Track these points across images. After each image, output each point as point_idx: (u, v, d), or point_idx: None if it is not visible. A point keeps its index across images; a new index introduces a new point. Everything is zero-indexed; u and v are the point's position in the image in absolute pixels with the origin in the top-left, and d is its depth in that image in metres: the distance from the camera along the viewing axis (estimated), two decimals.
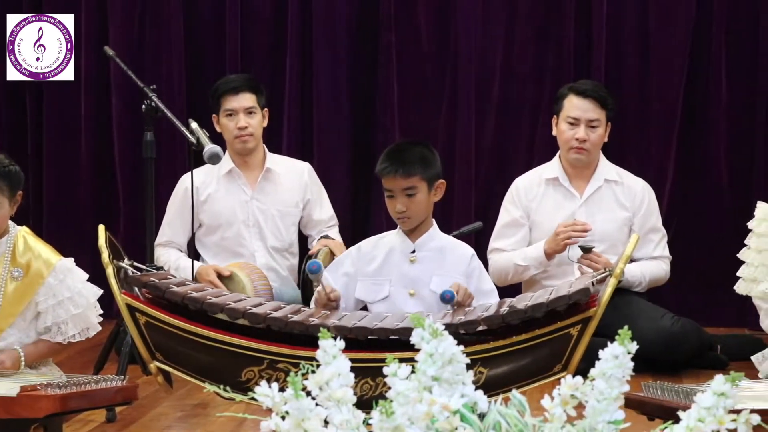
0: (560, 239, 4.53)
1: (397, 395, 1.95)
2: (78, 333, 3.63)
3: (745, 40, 5.56)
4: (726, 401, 1.87)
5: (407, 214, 3.87)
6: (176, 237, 4.93)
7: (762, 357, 3.58)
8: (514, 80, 5.72)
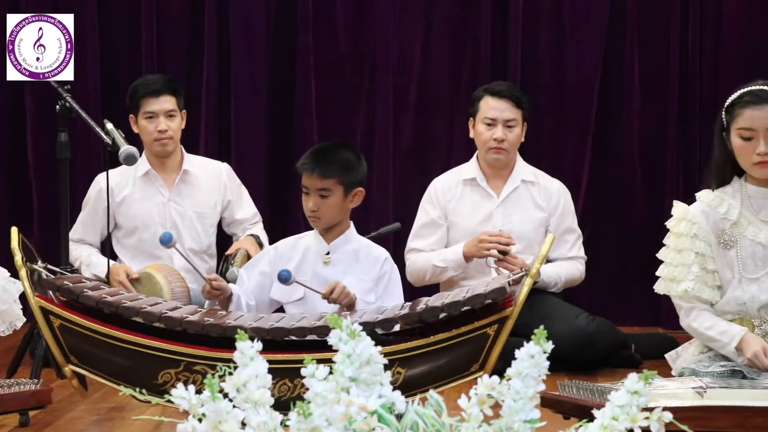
0: (482, 247, 4.55)
1: (315, 396, 1.95)
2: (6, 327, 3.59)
3: (657, 42, 5.63)
4: (639, 399, 1.89)
5: (318, 215, 3.88)
6: (88, 236, 4.90)
7: (675, 355, 3.63)
8: (432, 81, 5.75)
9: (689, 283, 3.42)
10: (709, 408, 2.78)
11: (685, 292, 3.43)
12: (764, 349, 3.31)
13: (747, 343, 3.34)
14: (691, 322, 3.45)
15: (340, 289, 3.75)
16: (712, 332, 3.41)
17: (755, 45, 5.59)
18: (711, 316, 3.44)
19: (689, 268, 3.43)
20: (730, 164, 3.47)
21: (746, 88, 3.44)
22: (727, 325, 3.41)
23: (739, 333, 3.37)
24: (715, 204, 3.47)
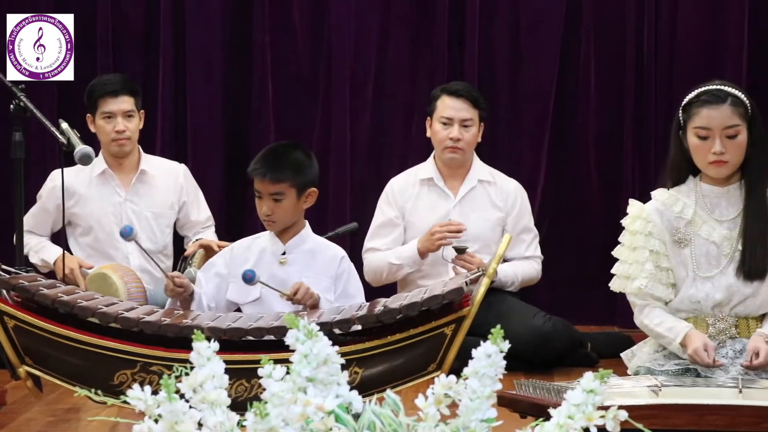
0: (435, 239, 4.57)
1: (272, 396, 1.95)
2: None
3: (613, 43, 5.66)
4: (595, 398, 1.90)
5: (272, 218, 3.88)
6: (38, 229, 4.89)
7: (631, 354, 3.65)
8: (388, 80, 5.75)
9: (643, 280, 3.44)
10: (664, 406, 2.80)
11: (639, 290, 3.46)
12: (705, 345, 3.33)
13: (690, 339, 3.37)
14: (644, 319, 3.48)
15: (304, 289, 3.74)
16: (660, 329, 3.44)
17: (710, 45, 5.64)
18: (661, 312, 3.46)
19: (643, 265, 3.46)
20: (685, 163, 3.50)
21: (703, 87, 3.47)
22: (674, 322, 3.43)
23: (684, 329, 3.40)
24: (670, 203, 3.49)
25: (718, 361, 3.33)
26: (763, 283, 3.42)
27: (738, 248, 3.43)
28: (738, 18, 5.57)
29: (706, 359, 3.32)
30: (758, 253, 3.40)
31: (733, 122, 3.41)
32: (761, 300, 3.44)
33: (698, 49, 5.63)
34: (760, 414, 2.75)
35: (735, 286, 3.43)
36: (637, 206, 3.53)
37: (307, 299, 3.74)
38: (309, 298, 3.74)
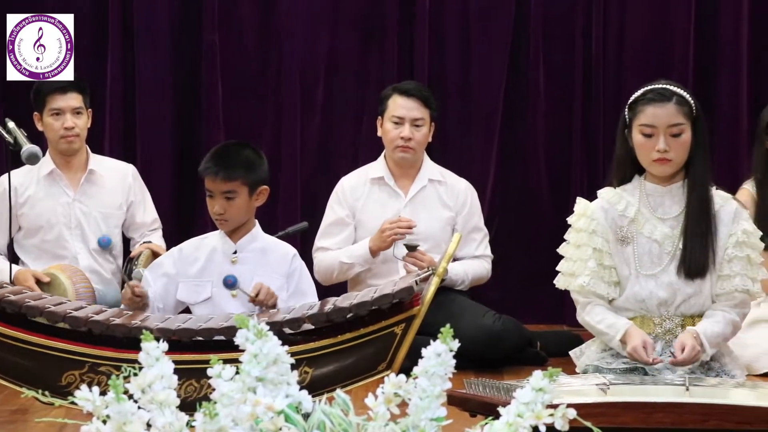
0: (385, 236, 4.58)
1: (222, 396, 1.94)
2: None
3: (562, 43, 5.70)
4: (544, 396, 1.91)
5: (225, 217, 3.87)
6: None
7: (579, 352, 3.67)
8: (339, 79, 5.75)
9: (585, 278, 3.46)
10: (612, 404, 2.82)
11: (581, 287, 3.48)
12: (644, 343, 3.35)
13: (629, 336, 3.39)
14: (585, 316, 3.50)
15: (266, 290, 3.73)
16: (601, 326, 3.46)
17: (657, 48, 5.68)
18: (603, 310, 3.48)
19: (586, 263, 3.48)
20: (631, 161, 3.52)
21: (649, 86, 3.50)
22: (615, 318, 3.46)
23: (624, 326, 3.42)
24: (614, 201, 3.51)
25: (656, 359, 3.35)
26: (704, 281, 3.45)
27: (679, 246, 3.46)
28: (684, 21, 5.62)
29: (645, 357, 3.33)
30: (698, 252, 3.43)
31: (677, 121, 3.44)
32: (704, 299, 3.47)
33: (645, 51, 5.67)
34: (706, 411, 2.77)
35: (677, 284, 3.45)
36: (583, 204, 3.55)
37: (269, 299, 3.73)
38: (270, 298, 3.74)
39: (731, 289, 3.45)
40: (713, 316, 3.45)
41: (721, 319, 3.43)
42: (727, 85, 5.63)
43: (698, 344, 3.36)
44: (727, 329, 3.45)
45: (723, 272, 3.45)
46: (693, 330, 3.40)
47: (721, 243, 3.45)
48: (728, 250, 3.45)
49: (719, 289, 3.46)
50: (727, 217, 3.47)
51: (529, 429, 1.90)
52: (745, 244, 3.46)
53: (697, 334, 3.37)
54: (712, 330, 3.40)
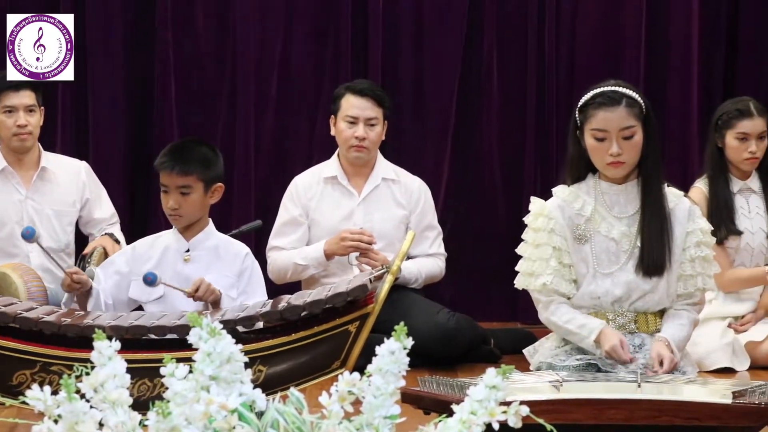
0: (345, 245, 4.57)
1: (175, 395, 1.93)
2: None
3: (515, 42, 5.72)
4: (497, 394, 1.92)
5: (179, 212, 3.86)
6: None
7: (533, 350, 3.69)
8: (293, 78, 5.74)
9: (547, 277, 3.47)
10: (565, 401, 2.84)
11: (544, 286, 3.48)
12: (621, 342, 3.38)
13: (605, 336, 3.40)
14: (550, 315, 3.50)
15: (205, 286, 3.73)
16: (571, 326, 3.46)
17: (609, 46, 5.72)
18: (569, 309, 3.49)
19: (547, 262, 3.48)
20: (584, 161, 3.54)
21: (598, 88, 3.50)
22: (585, 319, 3.47)
23: (598, 327, 3.43)
24: (570, 200, 3.53)
25: (633, 357, 3.38)
26: (661, 278, 3.48)
27: (637, 245, 3.48)
28: (635, 20, 5.66)
29: (624, 356, 3.36)
30: (656, 250, 3.46)
31: (628, 123, 3.45)
32: (659, 296, 3.49)
33: (597, 51, 5.71)
34: (657, 407, 2.80)
35: (634, 282, 3.48)
36: (539, 203, 3.56)
37: (209, 295, 3.73)
38: (210, 294, 3.73)
39: (693, 289, 3.49)
40: (679, 319, 3.48)
41: (686, 322, 3.48)
42: (678, 84, 5.67)
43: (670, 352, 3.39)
44: (691, 330, 3.51)
45: (685, 272, 3.49)
46: (663, 338, 3.42)
47: (677, 241, 3.48)
48: (689, 250, 3.48)
49: (681, 289, 3.49)
50: (682, 215, 3.50)
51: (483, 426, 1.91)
52: (703, 243, 3.50)
53: (668, 342, 3.40)
54: (679, 336, 3.45)
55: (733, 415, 2.77)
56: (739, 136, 4.71)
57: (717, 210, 4.68)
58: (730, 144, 4.72)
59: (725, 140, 4.73)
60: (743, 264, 4.77)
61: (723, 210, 4.69)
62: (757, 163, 4.75)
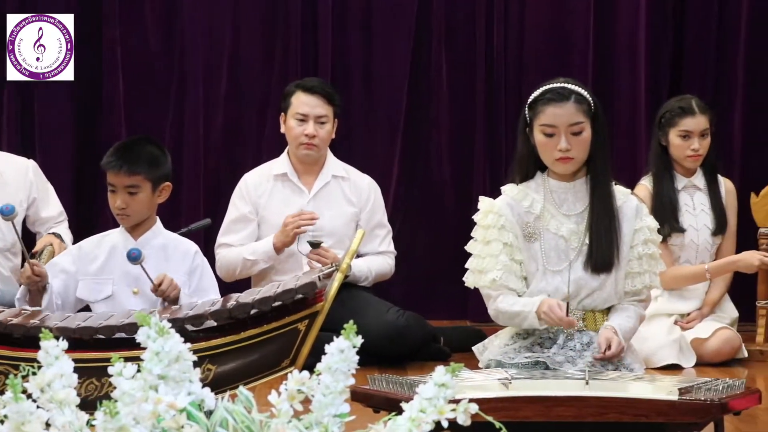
0: (288, 230, 4.57)
1: (122, 395, 1.92)
2: None
3: (464, 40, 5.73)
4: (446, 391, 1.92)
5: (126, 212, 3.83)
6: None
7: (482, 347, 3.69)
8: (242, 76, 5.72)
9: (497, 272, 3.48)
10: (514, 399, 2.85)
11: (493, 282, 3.49)
12: (559, 304, 3.39)
13: (543, 303, 3.41)
14: (498, 304, 3.49)
15: (168, 281, 3.71)
16: (515, 307, 3.45)
17: (557, 42, 5.75)
18: (514, 295, 3.50)
19: (496, 258, 3.49)
20: (533, 159, 3.55)
21: (548, 85, 3.52)
22: (528, 299, 3.48)
23: (538, 299, 3.44)
24: (519, 197, 3.54)
25: (572, 319, 3.38)
26: (609, 276, 3.50)
27: (585, 242, 3.50)
28: (584, 17, 5.70)
29: (559, 312, 3.36)
30: (604, 247, 3.47)
31: (577, 119, 3.47)
32: (607, 293, 3.51)
33: (546, 48, 5.74)
34: (605, 404, 2.81)
35: (583, 279, 3.49)
36: (488, 202, 3.57)
37: (171, 291, 3.72)
38: (173, 290, 3.72)
39: (641, 286, 3.51)
40: (626, 311, 3.50)
41: (633, 315, 3.50)
42: (626, 81, 5.71)
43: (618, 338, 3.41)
44: (637, 324, 3.52)
45: (633, 269, 3.51)
46: (610, 326, 3.44)
47: (626, 238, 3.51)
48: (637, 248, 3.50)
49: (629, 286, 3.51)
50: (629, 213, 3.53)
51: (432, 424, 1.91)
52: (650, 240, 3.52)
53: (616, 330, 3.42)
54: (626, 325, 3.46)
55: (679, 411, 2.79)
56: (682, 133, 4.76)
57: (661, 207, 4.72)
58: (674, 141, 4.77)
59: (669, 138, 4.78)
60: (689, 261, 4.82)
61: (667, 207, 4.74)
62: (700, 161, 4.80)
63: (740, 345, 4.70)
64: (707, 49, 5.70)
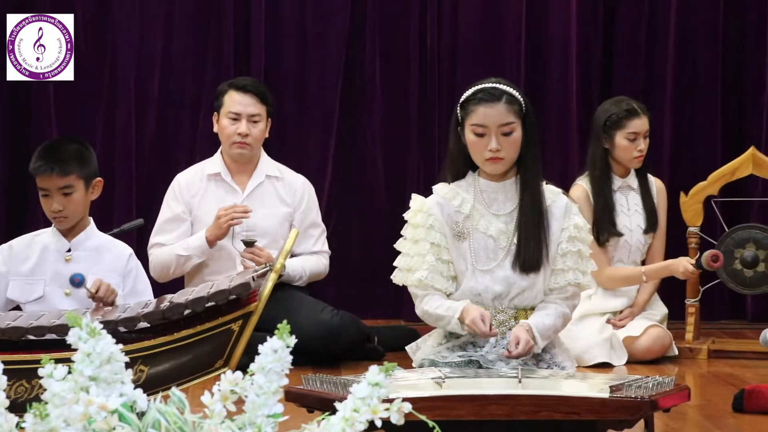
0: (221, 222, 4.56)
1: (53, 396, 1.90)
2: None
3: (397, 41, 5.75)
4: (380, 391, 1.93)
5: (64, 214, 3.79)
6: None
7: (416, 347, 3.70)
8: (174, 75, 5.69)
9: (424, 272, 3.49)
10: (447, 398, 2.86)
11: (420, 281, 3.50)
12: (482, 315, 3.40)
13: (467, 312, 3.42)
14: (424, 306, 3.51)
15: (105, 287, 3.68)
16: (440, 310, 3.47)
17: (490, 42, 5.78)
18: (440, 297, 3.50)
19: (424, 257, 3.50)
20: (464, 158, 3.56)
21: (479, 85, 3.53)
22: (452, 303, 3.49)
23: (461, 305, 3.45)
24: (449, 197, 3.55)
25: (494, 330, 3.39)
26: (538, 275, 3.52)
27: (514, 242, 3.52)
28: (516, 17, 5.74)
29: (483, 327, 3.37)
30: (532, 247, 3.49)
31: (508, 120, 3.49)
32: (537, 292, 3.53)
33: (479, 49, 5.77)
34: (537, 402, 2.84)
35: (512, 278, 3.51)
36: (419, 200, 3.58)
37: (109, 296, 3.68)
38: (110, 295, 3.69)
39: (564, 283, 3.52)
40: (545, 309, 3.52)
41: (552, 312, 3.50)
42: (558, 82, 5.76)
43: (531, 337, 3.42)
44: (558, 321, 3.52)
45: (557, 266, 3.52)
46: (526, 323, 3.45)
47: (553, 238, 3.53)
48: (561, 245, 3.52)
49: (553, 283, 3.53)
50: (558, 212, 3.55)
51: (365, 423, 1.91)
52: (576, 238, 3.54)
53: (530, 327, 3.43)
54: (543, 323, 3.47)
55: (610, 408, 2.82)
56: (630, 136, 4.80)
57: (601, 212, 4.77)
58: (620, 144, 4.81)
59: (614, 141, 4.82)
60: (621, 260, 4.87)
61: (605, 212, 4.78)
62: (642, 161, 4.86)
63: (670, 343, 4.76)
64: (637, 50, 5.76)
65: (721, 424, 3.52)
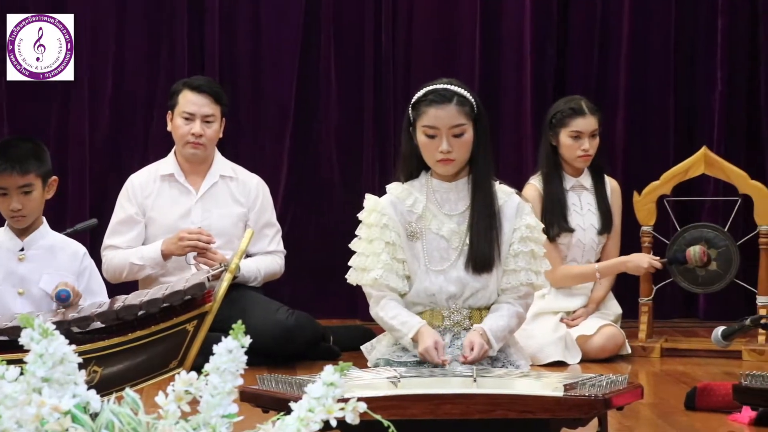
0: (182, 245, 4.53)
1: (5, 398, 1.89)
2: None
3: (352, 38, 5.76)
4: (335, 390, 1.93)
5: (23, 213, 3.77)
6: None
7: (371, 346, 3.71)
8: (128, 73, 5.66)
9: (378, 271, 3.49)
10: (402, 397, 2.86)
11: (375, 281, 3.50)
12: (435, 344, 3.39)
13: (421, 336, 3.41)
14: (379, 311, 3.51)
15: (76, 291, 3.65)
16: (394, 321, 3.48)
17: (445, 42, 5.80)
18: (397, 305, 3.50)
19: (378, 257, 3.50)
20: (416, 158, 3.56)
21: (431, 86, 3.53)
22: (408, 316, 3.48)
23: (417, 325, 3.44)
24: (403, 196, 3.56)
25: (445, 360, 3.39)
26: (491, 275, 3.53)
27: (466, 242, 3.53)
28: (471, 17, 5.76)
29: (436, 359, 3.37)
30: (483, 247, 3.50)
31: (459, 122, 3.49)
32: (490, 292, 3.54)
33: (433, 50, 5.79)
34: (492, 401, 2.84)
35: (465, 279, 3.52)
36: (373, 200, 3.58)
37: (75, 299, 3.66)
38: (76, 297, 3.66)
39: (517, 283, 3.53)
40: (499, 310, 3.53)
41: (506, 313, 3.51)
42: (512, 81, 5.78)
43: (485, 341, 3.43)
44: (512, 321, 3.53)
45: (509, 267, 3.53)
46: (479, 327, 3.46)
47: (505, 237, 3.53)
48: (513, 245, 3.53)
49: (505, 283, 3.54)
50: (510, 212, 3.56)
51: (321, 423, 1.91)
52: (529, 238, 3.54)
53: (484, 331, 3.44)
54: (497, 325, 3.48)
55: (564, 407, 2.84)
56: (573, 134, 4.83)
57: (551, 207, 4.79)
58: (564, 142, 4.84)
59: (559, 138, 4.85)
60: (575, 260, 4.90)
61: (556, 207, 4.81)
62: (589, 161, 4.88)
63: (624, 341, 4.79)
64: (590, 50, 5.80)
65: (673, 421, 3.55)
